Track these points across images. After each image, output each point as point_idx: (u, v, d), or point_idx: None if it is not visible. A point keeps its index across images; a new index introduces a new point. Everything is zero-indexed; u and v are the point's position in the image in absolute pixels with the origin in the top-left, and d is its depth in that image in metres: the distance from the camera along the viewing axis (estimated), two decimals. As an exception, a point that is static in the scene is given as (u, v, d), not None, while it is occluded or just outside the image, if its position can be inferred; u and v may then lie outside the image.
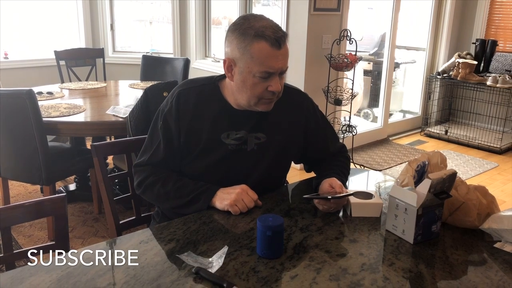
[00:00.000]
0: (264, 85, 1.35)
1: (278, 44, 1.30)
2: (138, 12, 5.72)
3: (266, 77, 1.34)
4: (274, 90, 1.35)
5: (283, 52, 1.33)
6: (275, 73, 1.34)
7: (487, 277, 1.09)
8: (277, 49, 1.31)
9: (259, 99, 1.38)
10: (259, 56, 1.31)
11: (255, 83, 1.35)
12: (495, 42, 4.95)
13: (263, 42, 1.30)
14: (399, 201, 1.24)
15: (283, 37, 1.32)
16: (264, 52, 1.30)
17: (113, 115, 2.72)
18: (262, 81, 1.34)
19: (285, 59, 1.34)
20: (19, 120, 2.52)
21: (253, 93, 1.37)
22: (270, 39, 1.29)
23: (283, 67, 1.35)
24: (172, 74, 3.86)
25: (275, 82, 1.34)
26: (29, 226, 2.86)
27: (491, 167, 4.27)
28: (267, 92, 1.36)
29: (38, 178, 2.65)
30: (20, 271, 1.06)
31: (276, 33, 1.31)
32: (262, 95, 1.37)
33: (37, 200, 1.25)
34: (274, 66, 1.32)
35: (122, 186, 3.01)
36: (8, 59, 4.68)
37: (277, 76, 1.35)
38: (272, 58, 1.31)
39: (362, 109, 5.59)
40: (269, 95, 1.37)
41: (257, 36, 1.30)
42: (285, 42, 1.33)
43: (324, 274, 1.07)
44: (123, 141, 1.81)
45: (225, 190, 1.40)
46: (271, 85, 1.34)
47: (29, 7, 4.89)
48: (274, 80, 1.34)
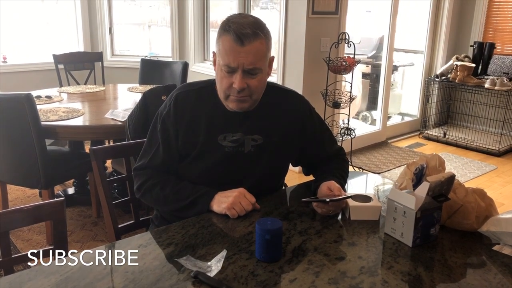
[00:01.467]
0: (229, 81, 1.37)
1: (240, 40, 1.31)
2: (136, 16, 5.73)
3: (230, 72, 1.36)
4: (235, 87, 1.36)
5: (247, 49, 1.32)
6: (236, 69, 1.35)
7: (486, 279, 1.09)
8: (239, 45, 1.32)
9: (226, 95, 1.40)
10: (223, 49, 1.35)
11: (222, 76, 1.38)
12: (493, 45, 4.96)
13: (228, 36, 1.33)
14: (398, 204, 1.24)
15: (250, 35, 1.32)
16: (227, 46, 1.33)
17: (111, 119, 2.72)
18: (227, 76, 1.37)
19: (248, 57, 1.33)
20: (17, 124, 2.52)
21: (220, 87, 1.40)
22: (234, 34, 1.31)
23: (245, 65, 1.34)
24: (171, 78, 3.87)
25: (237, 79, 1.35)
26: (27, 230, 2.85)
27: (490, 169, 4.28)
28: (232, 88, 1.37)
29: (37, 182, 2.65)
30: (19, 276, 1.06)
31: (242, 30, 1.31)
32: (228, 90, 1.39)
33: (35, 205, 1.25)
34: (234, 61, 1.33)
35: (121, 190, 3.01)
36: (7, 63, 4.68)
37: (239, 73, 1.35)
38: (233, 52, 1.33)
39: (360, 112, 5.60)
40: (234, 92, 1.38)
41: (225, 30, 1.34)
42: (252, 40, 1.32)
43: (323, 278, 1.07)
44: (122, 145, 1.81)
45: (223, 194, 1.40)
46: (234, 82, 1.36)
47: (27, 11, 4.89)
48: (236, 76, 1.35)
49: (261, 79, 1.40)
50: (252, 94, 1.40)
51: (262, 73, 1.40)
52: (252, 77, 1.37)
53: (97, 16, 5.09)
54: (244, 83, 1.36)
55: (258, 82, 1.40)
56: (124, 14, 5.53)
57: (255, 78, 1.38)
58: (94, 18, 5.09)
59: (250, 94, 1.40)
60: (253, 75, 1.37)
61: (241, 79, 1.35)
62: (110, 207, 1.61)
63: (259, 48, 1.35)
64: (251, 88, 1.38)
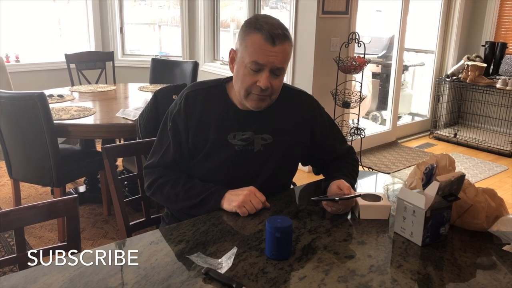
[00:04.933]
0: (253, 79, 1.38)
1: (272, 39, 1.33)
2: (147, 16, 5.77)
3: (256, 70, 1.36)
4: (261, 86, 1.37)
5: (278, 49, 1.35)
6: (264, 67, 1.36)
7: (496, 279, 1.09)
8: (270, 44, 1.33)
9: (247, 93, 1.41)
10: (252, 46, 1.35)
11: (245, 74, 1.38)
12: (504, 45, 4.92)
13: (258, 35, 1.34)
14: (407, 204, 1.24)
15: (281, 36, 1.34)
16: (257, 44, 1.34)
17: (122, 118, 2.75)
18: (252, 74, 1.37)
19: (278, 57, 1.35)
20: (30, 123, 2.56)
21: (242, 85, 1.40)
22: (266, 33, 1.33)
23: (275, 64, 1.36)
24: (181, 77, 3.89)
25: (263, 78, 1.36)
26: (39, 228, 2.89)
27: (501, 170, 4.25)
28: (256, 87, 1.38)
29: (49, 180, 2.69)
30: (33, 271, 1.08)
31: (274, 30, 1.34)
32: (250, 88, 1.39)
33: (49, 201, 1.27)
34: (263, 59, 1.34)
35: (132, 188, 3.03)
36: (20, 62, 4.75)
37: (267, 72, 1.36)
38: (264, 51, 1.34)
39: (370, 111, 5.58)
40: (257, 90, 1.39)
41: (255, 28, 1.35)
42: (282, 41, 1.35)
43: (333, 276, 1.08)
44: (133, 143, 1.83)
45: (233, 192, 1.41)
46: (259, 80, 1.37)
47: (40, 11, 4.95)
48: (263, 75, 1.36)
49: (282, 80, 1.44)
50: (272, 94, 1.42)
51: (284, 74, 1.43)
52: (276, 77, 1.39)
53: (108, 16, 5.14)
54: (269, 82, 1.37)
55: (280, 83, 1.43)
56: (134, 14, 5.58)
57: (278, 79, 1.40)
58: (105, 18, 5.14)
59: (271, 94, 1.42)
60: (277, 76, 1.39)
61: (267, 78, 1.37)
62: (121, 205, 1.63)
63: (287, 50, 1.38)
64: (273, 88, 1.40)
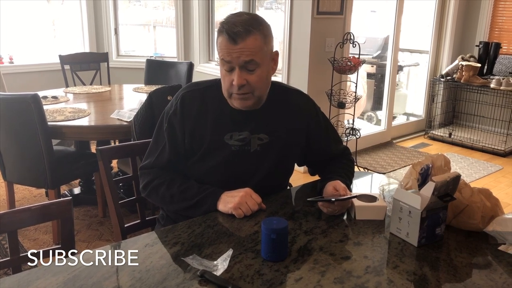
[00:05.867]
0: (230, 79, 1.39)
1: (232, 39, 1.34)
2: (141, 16, 5.76)
3: (229, 70, 1.39)
4: (235, 84, 1.38)
5: (240, 46, 1.34)
6: (234, 65, 1.37)
7: (492, 279, 1.09)
8: (232, 43, 1.35)
9: (229, 94, 1.42)
10: (220, 48, 1.39)
11: (223, 75, 1.42)
12: (498, 45, 4.94)
13: (221, 36, 1.37)
14: (403, 204, 1.24)
15: (241, 32, 1.34)
16: (222, 45, 1.37)
17: (117, 119, 2.74)
18: (228, 74, 1.39)
19: (243, 53, 1.35)
20: (24, 124, 2.54)
21: (224, 86, 1.43)
22: (226, 33, 1.35)
23: (241, 59, 1.35)
24: (176, 78, 3.88)
25: (236, 76, 1.37)
26: (34, 230, 2.87)
27: (496, 169, 4.26)
28: (233, 86, 1.39)
29: (43, 181, 2.67)
30: (27, 274, 1.07)
31: (233, 29, 1.34)
32: (230, 89, 1.41)
33: (43, 204, 1.26)
34: (229, 59, 1.36)
35: (127, 189, 3.02)
36: (13, 64, 4.72)
37: (237, 70, 1.37)
38: (228, 50, 1.36)
39: (365, 112, 5.59)
40: (235, 89, 1.39)
41: (219, 31, 1.38)
42: (244, 37, 1.34)
43: (329, 277, 1.07)
44: (128, 145, 1.82)
45: (229, 193, 1.40)
46: (233, 78, 1.38)
47: (33, 11, 4.92)
48: (235, 73, 1.38)
49: (261, 75, 1.40)
50: (253, 90, 1.40)
51: (261, 68, 1.39)
52: (251, 73, 1.38)
53: (103, 17, 5.12)
54: (243, 79, 1.37)
55: (258, 78, 1.40)
56: (129, 14, 5.56)
57: (254, 74, 1.39)
58: (100, 19, 5.12)
59: (252, 91, 1.40)
60: (251, 71, 1.38)
61: (240, 76, 1.37)
62: (116, 206, 1.62)
63: (253, 43, 1.36)
64: (250, 84, 1.39)
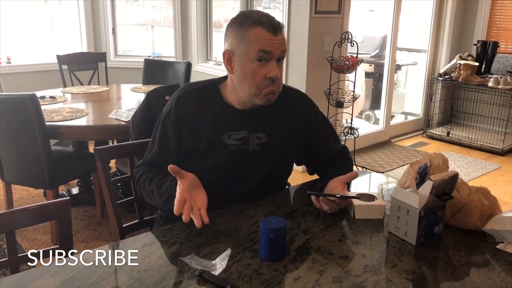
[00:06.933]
0: (263, 72, 1.35)
1: (274, 29, 1.33)
2: (139, 16, 5.75)
3: (263, 61, 1.34)
4: (272, 76, 1.35)
5: (280, 39, 1.35)
6: (272, 57, 1.35)
7: (490, 278, 1.10)
8: (273, 34, 1.33)
9: (259, 90, 1.38)
10: (256, 39, 1.33)
11: (253, 69, 1.35)
12: (496, 44, 4.95)
13: (260, 28, 1.33)
14: (401, 203, 1.24)
15: (279, 25, 1.35)
16: (261, 36, 1.33)
17: (115, 119, 2.73)
18: (259, 67, 1.35)
19: (282, 45, 1.36)
20: (22, 125, 2.54)
21: (253, 82, 1.37)
22: (267, 25, 1.33)
23: (281, 49, 1.35)
24: (174, 78, 3.88)
25: (273, 68, 1.35)
26: (32, 230, 2.86)
27: (494, 168, 4.27)
28: (266, 80, 1.36)
29: (41, 182, 2.67)
30: (25, 275, 1.07)
31: (272, 20, 1.34)
32: (261, 83, 1.37)
33: (41, 204, 1.26)
34: (270, 48, 1.33)
35: (125, 189, 3.02)
36: (11, 64, 4.70)
37: (274, 61, 1.35)
38: (269, 41, 1.33)
39: (363, 111, 5.59)
40: (268, 83, 1.37)
41: (254, 23, 1.33)
42: (281, 30, 1.36)
43: (327, 276, 1.07)
44: (126, 144, 1.82)
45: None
46: (269, 71, 1.35)
47: (31, 11, 4.91)
48: (271, 65, 1.35)
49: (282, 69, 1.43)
50: (279, 86, 1.41)
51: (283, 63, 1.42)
52: (280, 66, 1.39)
53: (100, 16, 5.11)
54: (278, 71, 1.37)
55: (282, 72, 1.42)
56: (127, 14, 5.55)
57: (281, 68, 1.40)
58: (98, 18, 5.11)
59: (279, 85, 1.41)
60: (280, 65, 1.39)
61: (277, 67, 1.36)
62: (114, 206, 1.62)
63: (284, 37, 1.39)
64: (279, 78, 1.39)
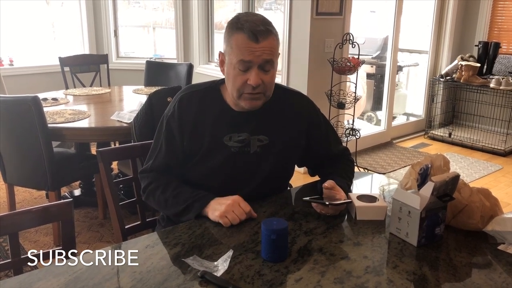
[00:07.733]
0: (244, 78, 1.37)
1: (254, 37, 1.33)
2: (141, 18, 5.76)
3: (245, 69, 1.36)
4: (252, 84, 1.36)
5: (262, 45, 1.34)
6: (252, 65, 1.35)
7: (491, 279, 1.10)
8: (254, 41, 1.33)
9: (240, 93, 1.39)
10: (237, 46, 1.35)
11: (235, 75, 1.37)
12: (498, 44, 4.94)
13: (241, 34, 1.34)
14: (403, 204, 1.24)
15: (263, 31, 1.34)
16: (241, 43, 1.34)
17: (117, 121, 2.74)
18: (241, 74, 1.37)
19: (264, 53, 1.35)
20: (24, 126, 2.54)
21: (234, 86, 1.39)
22: (247, 31, 1.33)
23: (262, 57, 1.35)
24: (176, 79, 3.88)
25: (253, 75, 1.35)
26: (34, 232, 2.87)
27: (495, 169, 4.27)
28: (247, 86, 1.37)
29: (44, 183, 2.67)
30: (29, 276, 1.08)
31: (255, 27, 1.33)
32: (242, 88, 1.38)
33: (44, 206, 1.26)
34: (249, 57, 1.34)
35: (127, 191, 3.02)
36: (13, 66, 4.72)
37: (255, 69, 1.36)
38: (248, 49, 1.34)
39: (365, 112, 5.59)
40: (249, 89, 1.38)
41: (238, 29, 1.35)
42: (266, 37, 1.34)
43: (329, 277, 1.08)
44: (128, 146, 1.82)
45: (218, 200, 1.37)
46: (249, 78, 1.36)
47: (33, 13, 4.93)
48: (252, 73, 1.36)
49: (273, 76, 1.42)
50: (266, 91, 1.41)
51: (274, 69, 1.41)
52: (266, 73, 1.38)
53: (102, 18, 5.12)
54: (259, 79, 1.37)
55: (271, 78, 1.41)
56: (129, 16, 5.57)
57: (269, 74, 1.39)
58: (99, 20, 5.13)
59: (264, 91, 1.41)
60: (267, 72, 1.38)
61: (257, 75, 1.36)
62: (116, 208, 1.63)
63: (272, 44, 1.37)
64: (265, 84, 1.39)
